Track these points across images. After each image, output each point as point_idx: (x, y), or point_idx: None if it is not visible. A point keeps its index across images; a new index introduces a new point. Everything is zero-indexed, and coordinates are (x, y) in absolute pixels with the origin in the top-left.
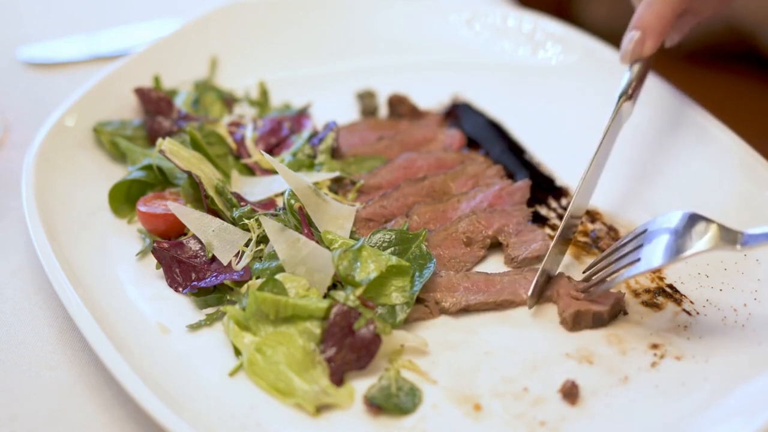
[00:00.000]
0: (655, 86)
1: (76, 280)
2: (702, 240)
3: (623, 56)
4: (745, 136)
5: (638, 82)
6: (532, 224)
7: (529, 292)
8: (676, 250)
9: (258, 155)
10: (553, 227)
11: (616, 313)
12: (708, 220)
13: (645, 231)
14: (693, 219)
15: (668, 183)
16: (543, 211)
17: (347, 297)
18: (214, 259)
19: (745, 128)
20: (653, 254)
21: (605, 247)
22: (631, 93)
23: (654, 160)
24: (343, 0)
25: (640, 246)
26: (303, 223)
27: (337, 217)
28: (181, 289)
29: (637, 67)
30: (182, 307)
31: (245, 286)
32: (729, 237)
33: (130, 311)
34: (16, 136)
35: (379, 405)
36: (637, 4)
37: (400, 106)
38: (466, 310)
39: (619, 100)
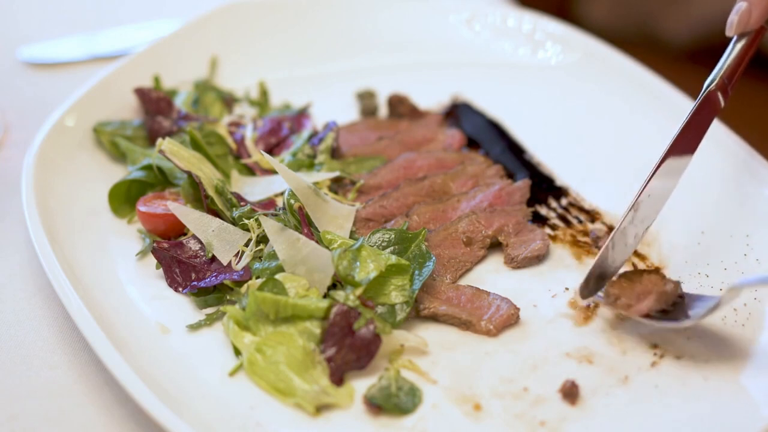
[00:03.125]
0: (654, 86)
1: (76, 280)
2: None
3: (729, 27)
4: (745, 136)
5: (734, 69)
6: (531, 224)
7: (581, 283)
8: None
9: (258, 155)
10: (553, 227)
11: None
12: None
13: None
14: None
15: None
16: (543, 211)
17: (347, 297)
18: (214, 259)
19: (745, 128)
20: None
21: None
22: (725, 82)
23: (654, 160)
24: (343, 0)
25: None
26: (303, 223)
27: (337, 217)
28: (181, 289)
29: (738, 48)
30: (182, 307)
31: (245, 286)
32: None
33: (130, 311)
34: (16, 136)
35: (379, 405)
36: None
37: (400, 106)
38: (435, 318)
39: (706, 89)
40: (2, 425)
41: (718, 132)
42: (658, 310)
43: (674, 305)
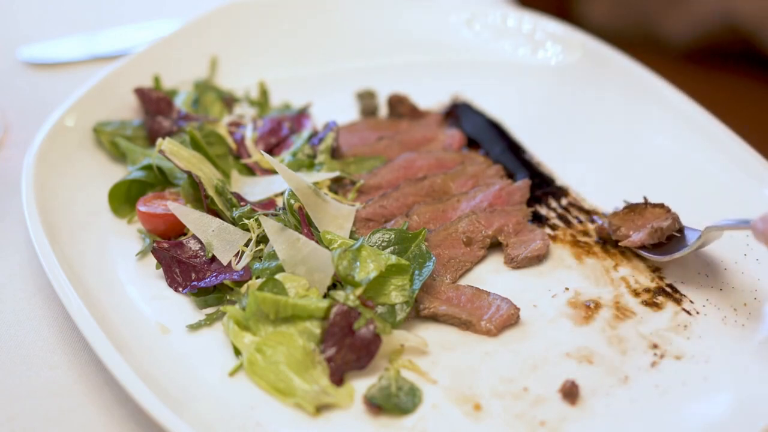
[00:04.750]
0: (655, 86)
1: (76, 280)
2: None
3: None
4: (745, 136)
5: None
6: (531, 224)
7: None
8: None
9: (258, 155)
10: (553, 227)
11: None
12: None
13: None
14: None
15: (668, 183)
16: (543, 211)
17: (347, 297)
18: (214, 259)
19: (745, 128)
20: None
21: (609, 247)
22: None
23: (654, 160)
24: (343, 0)
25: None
26: (303, 223)
27: (337, 217)
28: (181, 289)
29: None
30: (182, 307)
31: (245, 286)
32: None
33: (130, 311)
34: (16, 136)
35: (379, 405)
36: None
37: (400, 106)
38: (435, 318)
39: None
40: (2, 425)
41: (718, 132)
42: (652, 243)
43: (670, 239)
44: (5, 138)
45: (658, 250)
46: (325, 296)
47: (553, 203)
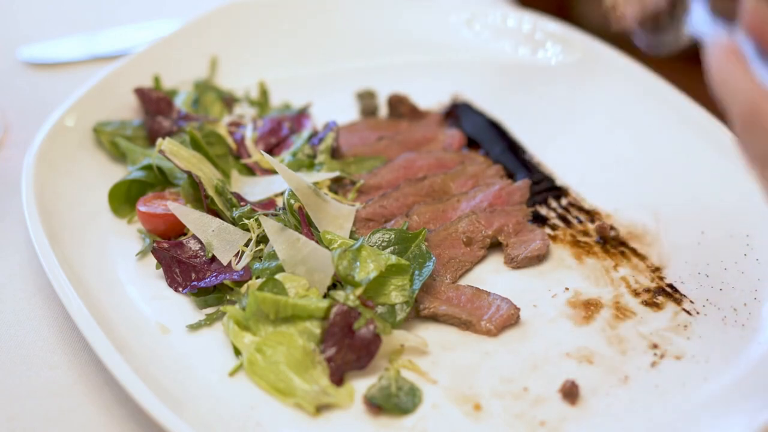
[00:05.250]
0: (655, 86)
1: (76, 280)
2: None
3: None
4: None
5: None
6: (531, 224)
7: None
8: None
9: (258, 155)
10: (553, 227)
11: None
12: None
13: None
14: None
15: (668, 182)
16: (543, 211)
17: (347, 297)
18: (214, 259)
19: None
20: None
21: (609, 247)
22: None
23: (654, 159)
24: (343, 0)
25: None
26: (303, 223)
27: (337, 217)
28: (181, 289)
29: None
30: (182, 307)
31: (245, 286)
32: None
33: (130, 311)
34: (16, 136)
35: (379, 405)
36: None
37: (400, 106)
38: (435, 318)
39: None
40: (2, 425)
41: (717, 131)
42: (652, 21)
43: (673, 18)
44: (5, 138)
45: (655, 30)
46: (325, 296)
47: (553, 203)
